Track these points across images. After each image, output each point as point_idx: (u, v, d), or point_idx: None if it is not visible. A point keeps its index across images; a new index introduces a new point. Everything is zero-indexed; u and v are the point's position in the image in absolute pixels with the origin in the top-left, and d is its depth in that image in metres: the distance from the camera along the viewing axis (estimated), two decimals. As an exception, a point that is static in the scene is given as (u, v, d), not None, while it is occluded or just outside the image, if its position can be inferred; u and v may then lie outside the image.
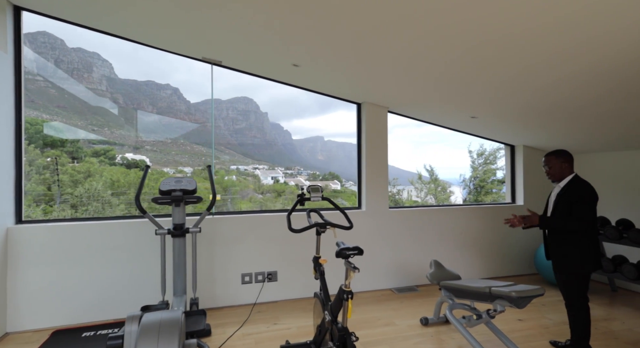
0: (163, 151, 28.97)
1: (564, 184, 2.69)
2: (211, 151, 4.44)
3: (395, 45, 2.65)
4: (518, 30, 2.17)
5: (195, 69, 33.19)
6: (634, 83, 2.54)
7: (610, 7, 1.82)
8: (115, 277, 3.40)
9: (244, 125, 51.75)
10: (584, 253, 2.55)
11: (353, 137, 4.31)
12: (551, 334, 3.06)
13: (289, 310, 3.61)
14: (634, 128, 3.34)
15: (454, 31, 2.32)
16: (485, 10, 2.02)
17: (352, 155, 4.49)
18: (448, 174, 8.80)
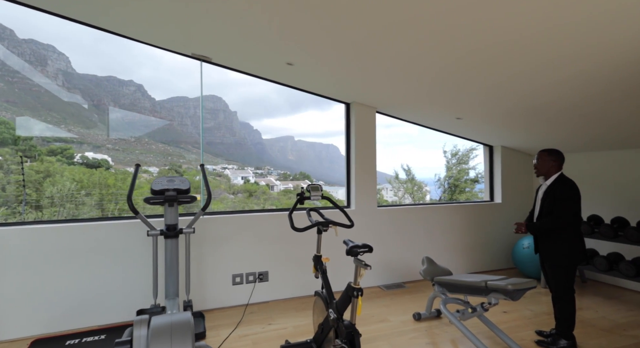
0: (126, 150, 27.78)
1: (550, 182, 2.86)
2: (178, 150, 4.34)
3: (392, 49, 2.71)
4: (509, 39, 2.30)
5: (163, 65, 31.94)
6: (615, 88, 2.74)
7: (594, 23, 1.98)
8: (100, 281, 3.25)
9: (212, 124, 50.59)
10: (571, 247, 2.72)
11: (323, 137, 4.49)
12: (535, 324, 3.23)
13: (281, 310, 3.60)
14: (613, 130, 3.58)
15: (449, 38, 2.41)
16: (479, 19, 2.12)
17: (322, 155, 4.53)
18: (422, 174, 9.09)
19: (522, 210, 5.15)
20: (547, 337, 2.91)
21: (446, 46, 2.54)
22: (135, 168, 3.08)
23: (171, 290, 3.05)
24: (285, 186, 28.13)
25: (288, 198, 21.94)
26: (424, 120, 4.57)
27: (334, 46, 2.79)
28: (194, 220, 3.10)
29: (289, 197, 23.19)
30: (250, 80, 60.38)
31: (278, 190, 26.35)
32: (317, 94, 4.18)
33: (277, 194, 24.49)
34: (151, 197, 2.94)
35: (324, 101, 17.98)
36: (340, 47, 2.79)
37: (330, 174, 43.84)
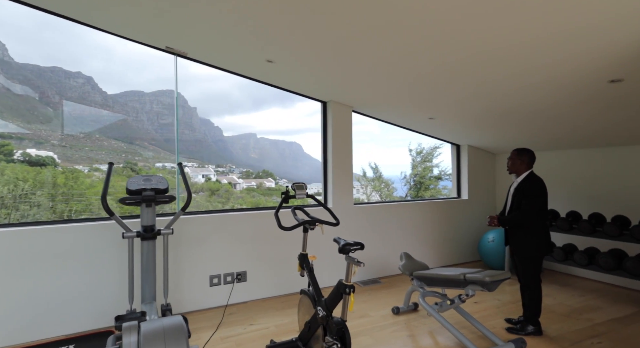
0: (74, 147, 25.96)
1: (520, 179, 3.06)
2: (133, 147, 4.19)
3: (373, 51, 2.78)
4: (485, 49, 2.48)
5: (116, 57, 30.41)
6: (577, 95, 2.99)
7: (560, 38, 2.21)
8: (67, 287, 3.06)
9: (170, 120, 48.62)
10: (539, 240, 2.94)
11: (286, 134, 4.44)
12: (503, 313, 3.45)
13: (261, 310, 3.57)
14: (575, 131, 3.88)
15: (429, 46, 2.56)
16: (459, 30, 2.28)
17: (285, 153, 4.54)
18: (388, 172, 9.35)
19: (487, 206, 5.46)
20: (516, 324, 3.12)
21: (426, 53, 2.67)
22: (109, 167, 2.92)
23: (148, 294, 2.94)
24: (248, 184, 27.71)
25: (252, 197, 21.63)
26: (398, 119, 4.70)
27: (315, 44, 2.80)
28: (172, 221, 3.00)
29: (252, 195, 22.87)
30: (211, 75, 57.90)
31: (241, 188, 25.92)
32: (295, 92, 4.16)
33: (241, 192, 24.08)
34: (127, 197, 2.80)
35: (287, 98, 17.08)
36: (322, 45, 2.81)
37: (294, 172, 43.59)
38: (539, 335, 2.98)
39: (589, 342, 2.88)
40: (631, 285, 4.06)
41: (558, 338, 2.94)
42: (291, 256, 4.01)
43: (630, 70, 2.52)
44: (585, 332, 3.06)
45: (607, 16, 1.96)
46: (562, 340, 2.92)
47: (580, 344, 2.85)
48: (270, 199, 19.69)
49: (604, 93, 2.88)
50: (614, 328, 3.12)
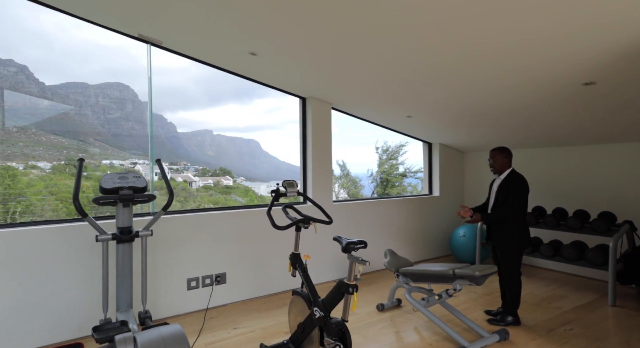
0: (6, 142, 23.74)
1: (504, 177, 3.18)
2: (76, 143, 3.92)
3: (359, 50, 2.80)
4: (466, 51, 2.59)
5: (55, 45, 28.11)
6: (550, 96, 3.16)
7: (536, 44, 2.36)
8: (25, 297, 2.75)
9: (118, 114, 45.62)
10: (521, 235, 3.07)
11: (244, 131, 4.36)
12: (482, 305, 3.59)
13: (243, 313, 3.44)
14: (546, 130, 4.11)
15: (413, 48, 2.64)
16: (443, 32, 2.36)
17: (243, 151, 4.45)
18: (355, 169, 9.45)
19: (457, 202, 5.67)
20: (496, 315, 3.25)
21: (412, 54, 2.74)
22: (79, 163, 2.65)
23: (124, 301, 2.71)
24: (204, 182, 26.81)
25: (210, 195, 20.94)
26: (375, 116, 4.73)
27: (302, 39, 2.74)
28: (152, 221, 2.79)
29: (210, 193, 22.15)
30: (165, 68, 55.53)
31: (197, 187, 25.00)
32: (274, 87, 4.04)
33: (197, 191, 23.22)
34: (102, 196, 2.56)
35: (245, 94, 16.93)
36: (309, 41, 2.75)
37: (252, 170, 42.70)
38: (517, 324, 3.13)
39: (562, 329, 3.06)
40: (590, 274, 4.40)
41: (535, 327, 3.10)
42: (271, 256, 3.91)
43: (602, 74, 2.70)
44: (557, 319, 3.26)
45: (584, 24, 2.08)
46: (538, 328, 3.08)
47: (555, 331, 3.02)
48: (230, 198, 19.16)
49: (578, 95, 3.07)
50: (581, 315, 3.35)
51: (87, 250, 2.97)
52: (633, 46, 2.27)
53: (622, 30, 2.12)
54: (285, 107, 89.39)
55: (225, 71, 3.70)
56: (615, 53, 2.38)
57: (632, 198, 4.02)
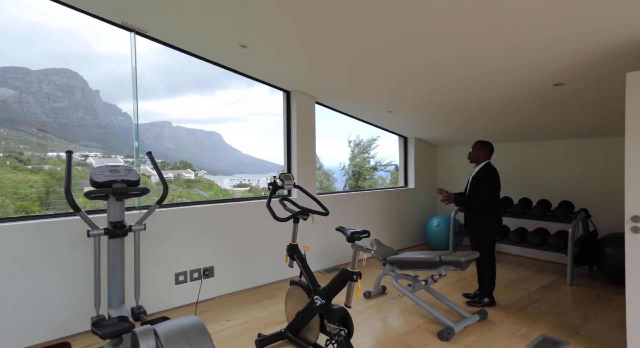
0: None
1: (478, 169, 3.42)
2: (17, 133, 3.79)
3: (352, 46, 2.88)
4: (457, 51, 2.76)
5: (-12, 25, 25.62)
6: (524, 95, 3.43)
7: (510, 48, 2.56)
8: (3, 298, 2.62)
9: (66, 103, 42.29)
10: (492, 223, 3.33)
11: (206, 123, 4.36)
12: (460, 288, 3.85)
13: (233, 305, 3.46)
14: (518, 126, 4.42)
15: (400, 47, 2.77)
16: (429, 32, 2.51)
17: (205, 143, 4.44)
18: (327, 163, 9.58)
19: (430, 194, 5.96)
20: (474, 297, 3.52)
21: (401, 51, 2.88)
22: (67, 156, 2.54)
23: (116, 297, 2.66)
24: (165, 176, 25.94)
25: (172, 190, 20.28)
26: (355, 111, 4.85)
27: (294, 33, 2.78)
28: (145, 215, 2.74)
29: (172, 188, 21.44)
30: (120, 56, 52.30)
31: (157, 181, 24.09)
32: (259, 80, 4.03)
33: (157, 184, 22.39)
34: (94, 190, 2.48)
35: (207, 85, 16.47)
36: (301, 35, 2.80)
37: (214, 163, 41.55)
38: (493, 305, 3.40)
39: (531, 307, 3.37)
40: (550, 258, 4.83)
41: (508, 307, 3.39)
42: (259, 248, 3.94)
43: (570, 76, 2.97)
44: (526, 299, 3.58)
45: (558, 33, 2.32)
46: (511, 308, 3.37)
47: (526, 309, 3.32)
48: (192, 191, 18.69)
49: (549, 94, 3.36)
50: (545, 294, 3.70)
51: (69, 246, 2.87)
52: (599, 53, 2.54)
53: (590, 39, 2.38)
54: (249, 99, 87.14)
55: (210, 62, 3.65)
56: (583, 59, 2.64)
57: (587, 188, 4.45)
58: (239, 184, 40.20)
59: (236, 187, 34.82)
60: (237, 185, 38.52)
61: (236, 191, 29.74)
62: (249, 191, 29.16)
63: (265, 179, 39.57)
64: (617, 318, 3.13)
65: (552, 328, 2.95)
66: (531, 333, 2.86)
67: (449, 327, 2.81)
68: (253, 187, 32.47)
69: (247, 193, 27.58)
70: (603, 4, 1.99)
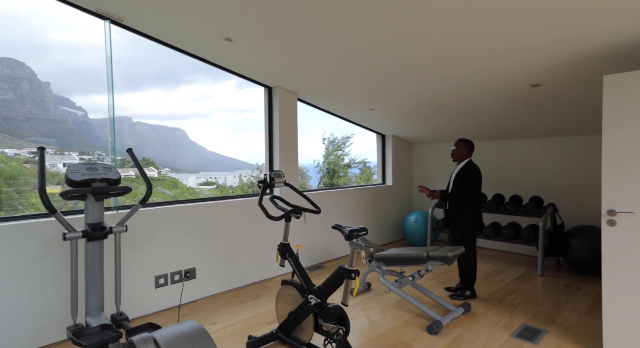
0: None
1: (461, 166, 3.51)
2: None
3: (339, 43, 2.88)
4: (442, 51, 2.82)
5: None
6: (503, 95, 3.56)
7: (501, 49, 2.61)
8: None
9: (12, 95, 38.68)
10: (475, 219, 3.44)
11: (169, 119, 4.31)
12: (442, 282, 3.96)
13: (217, 307, 3.35)
14: (494, 125, 4.58)
15: (392, 44, 2.80)
16: (412, 32, 2.56)
17: (167, 140, 4.35)
18: (300, 160, 9.49)
19: (407, 190, 6.07)
20: (456, 291, 3.62)
21: (382, 50, 2.92)
22: (40, 153, 2.34)
23: (94, 303, 2.49)
24: (125, 174, 24.67)
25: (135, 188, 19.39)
26: (336, 108, 4.84)
27: (281, 27, 2.73)
28: (128, 216, 2.58)
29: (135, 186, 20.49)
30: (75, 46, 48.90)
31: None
32: (240, 75, 3.92)
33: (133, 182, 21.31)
34: (71, 190, 2.30)
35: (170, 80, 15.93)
36: (287, 30, 2.76)
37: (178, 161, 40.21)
38: (474, 297, 3.52)
39: (509, 298, 3.52)
40: (520, 250, 5.07)
41: (488, 298, 3.52)
42: (241, 248, 3.84)
43: (546, 78, 3.12)
44: (503, 290, 3.73)
45: (537, 38, 2.42)
46: (491, 299, 3.50)
47: (505, 300, 3.47)
48: (156, 190, 18.01)
49: (526, 95, 3.51)
50: (520, 285, 3.88)
51: (36, 251, 2.65)
52: (575, 56, 2.68)
53: (568, 44, 2.50)
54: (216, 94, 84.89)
55: (190, 55, 3.50)
56: (560, 62, 2.78)
57: (555, 183, 4.71)
58: (205, 182, 39.10)
59: (202, 185, 33.81)
60: (204, 183, 37.40)
61: (202, 189, 28.92)
62: (216, 189, 28.48)
63: (233, 177, 38.75)
64: (586, 305, 3.33)
65: (530, 317, 3.09)
66: (512, 323, 2.99)
67: (437, 321, 2.87)
68: (220, 185, 31.73)
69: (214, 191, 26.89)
70: (582, 12, 2.11)
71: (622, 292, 2.35)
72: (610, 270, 2.39)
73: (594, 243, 3.97)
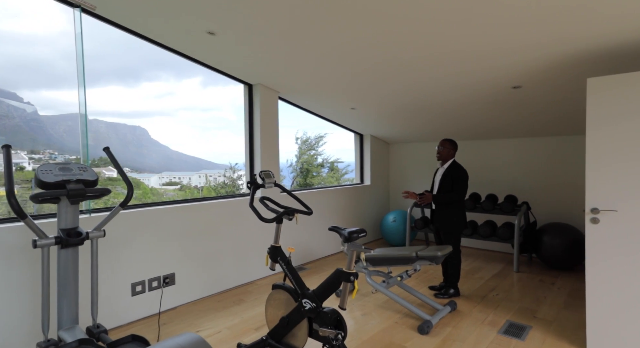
0: None
1: (446, 166, 3.55)
2: None
3: (324, 40, 2.83)
4: (428, 53, 2.79)
5: None
6: (489, 96, 3.64)
7: (483, 52, 2.67)
8: None
9: None
10: (460, 218, 3.49)
11: (129, 117, 4.29)
12: (425, 281, 4.00)
13: (199, 314, 3.19)
14: (472, 125, 4.68)
15: (377, 43, 2.78)
16: (397, 32, 2.53)
17: (127, 139, 4.19)
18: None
19: (384, 190, 6.11)
20: (440, 289, 3.66)
21: (367, 49, 2.90)
22: (5, 151, 2.10)
23: (67, 316, 2.29)
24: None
25: (97, 188, 18.38)
26: (317, 107, 4.77)
27: (262, 22, 2.64)
28: (106, 220, 2.38)
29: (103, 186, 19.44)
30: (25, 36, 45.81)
31: (73, 179, 21.57)
32: (219, 71, 3.76)
33: (75, 183, 20.14)
34: (43, 192, 2.09)
35: (131, 75, 15.22)
36: (270, 24, 2.67)
37: (139, 160, 38.45)
38: (458, 295, 3.58)
39: (491, 295, 3.61)
40: (494, 247, 5.24)
41: (471, 296, 3.59)
42: (221, 251, 3.69)
43: (527, 79, 3.22)
44: (484, 288, 3.83)
45: (523, 41, 2.48)
46: (474, 297, 3.58)
47: (487, 297, 3.55)
48: (116, 190, 17.23)
49: (507, 96, 3.60)
50: (499, 282, 3.99)
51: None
52: (557, 60, 2.77)
53: (549, 48, 2.60)
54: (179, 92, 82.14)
55: (168, 50, 3.31)
56: (543, 64, 2.87)
57: (527, 182, 4.90)
58: (168, 182, 37.78)
59: (166, 185, 32.64)
60: (167, 183, 36.16)
61: (166, 190, 27.83)
62: (180, 190, 27.55)
63: (198, 177, 37.64)
64: (562, 300, 3.48)
65: (514, 313, 3.18)
66: (497, 320, 3.05)
67: (427, 321, 2.88)
68: (184, 185, 30.78)
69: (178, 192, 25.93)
70: (564, 18, 2.18)
71: (605, 287, 2.45)
72: (594, 266, 2.49)
73: (565, 239, 4.16)
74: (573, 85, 3.21)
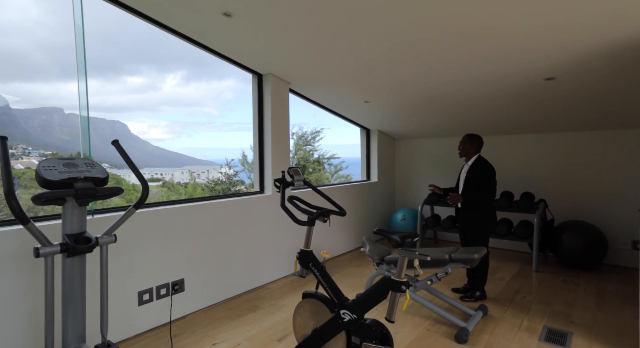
0: None
1: (471, 163, 3.36)
2: None
3: (327, 29, 2.63)
4: (450, 31, 2.54)
5: None
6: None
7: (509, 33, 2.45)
8: None
9: None
10: (489, 217, 3.31)
11: (109, 111, 4.10)
12: (447, 284, 3.81)
13: (212, 323, 2.91)
14: (486, 118, 4.50)
15: (381, 30, 2.59)
16: (407, 18, 2.38)
17: (106, 134, 3.89)
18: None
19: (392, 187, 5.91)
20: (465, 292, 3.49)
21: (377, 36, 2.70)
22: (1, 143, 1.77)
23: (73, 333, 1.99)
24: (60, 170, 22.44)
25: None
26: (328, 101, 4.51)
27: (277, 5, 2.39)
28: (118, 223, 2.08)
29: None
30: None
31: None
32: (229, 59, 3.45)
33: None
34: (47, 192, 1.77)
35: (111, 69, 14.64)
36: (284, 8, 2.43)
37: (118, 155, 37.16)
38: (485, 299, 3.41)
39: (518, 297, 3.46)
40: (508, 246, 5.11)
41: (498, 299, 3.42)
42: (232, 253, 3.42)
43: (563, 70, 3.03)
44: (508, 289, 3.67)
45: (563, 21, 2.27)
46: (501, 299, 3.41)
47: (515, 300, 3.39)
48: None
49: (538, 89, 3.42)
50: (521, 283, 3.85)
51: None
52: (593, 49, 2.59)
53: (582, 34, 2.40)
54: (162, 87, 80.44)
55: (176, 34, 2.99)
56: (578, 53, 2.68)
57: (544, 179, 4.78)
58: (150, 179, 37.13)
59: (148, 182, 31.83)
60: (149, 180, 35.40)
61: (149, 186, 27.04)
62: (162, 186, 26.91)
63: (181, 173, 36.98)
64: (592, 302, 3.35)
65: (548, 318, 3.02)
66: (534, 326, 2.89)
67: (464, 328, 2.69)
68: (167, 182, 30.13)
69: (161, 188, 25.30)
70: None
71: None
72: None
73: (585, 238, 4.05)
74: (621, 77, 3.02)
